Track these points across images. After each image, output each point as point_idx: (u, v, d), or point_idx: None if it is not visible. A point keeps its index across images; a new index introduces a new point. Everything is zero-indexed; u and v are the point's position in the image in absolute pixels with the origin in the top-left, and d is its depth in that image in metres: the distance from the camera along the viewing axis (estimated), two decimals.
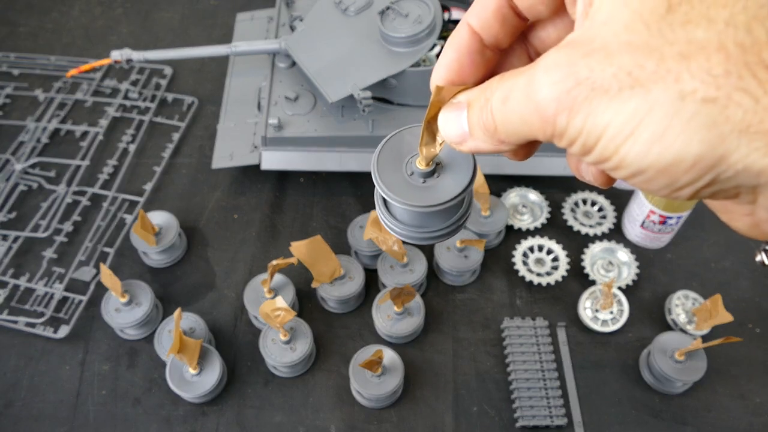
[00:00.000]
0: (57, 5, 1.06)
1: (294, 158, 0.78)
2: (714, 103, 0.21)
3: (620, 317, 0.71)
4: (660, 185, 0.23)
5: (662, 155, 0.22)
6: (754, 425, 0.66)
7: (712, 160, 0.22)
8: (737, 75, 0.21)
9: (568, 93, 0.23)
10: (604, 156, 0.23)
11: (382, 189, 0.31)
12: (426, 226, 0.33)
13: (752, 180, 0.22)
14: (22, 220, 0.80)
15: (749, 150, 0.21)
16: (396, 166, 0.32)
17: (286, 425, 0.66)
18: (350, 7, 0.77)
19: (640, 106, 0.22)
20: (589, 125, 0.23)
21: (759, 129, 0.21)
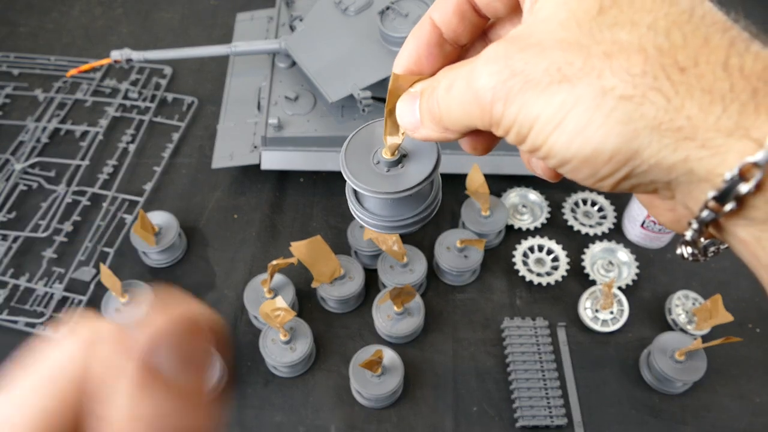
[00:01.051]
0: (57, 5, 1.06)
1: (294, 158, 0.78)
2: (630, 101, 0.22)
3: (620, 317, 0.71)
4: (585, 175, 0.25)
5: (584, 146, 0.23)
6: (754, 425, 0.66)
7: (627, 154, 0.23)
8: (653, 75, 0.22)
9: (504, 83, 0.24)
10: (535, 145, 0.25)
11: (348, 177, 0.33)
12: (394, 215, 0.34)
13: (664, 175, 0.23)
14: (22, 220, 0.80)
15: (660, 146, 0.22)
16: (363, 156, 0.33)
17: (286, 425, 0.66)
18: (350, 7, 0.77)
19: (566, 100, 0.23)
20: (522, 115, 0.24)
21: (669, 127, 0.22)
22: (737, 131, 0.22)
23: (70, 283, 0.74)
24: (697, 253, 0.26)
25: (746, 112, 0.22)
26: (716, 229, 0.24)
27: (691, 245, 0.26)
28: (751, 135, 0.22)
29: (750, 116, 0.22)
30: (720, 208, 0.23)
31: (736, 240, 0.24)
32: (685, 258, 0.27)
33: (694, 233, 0.25)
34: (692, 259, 0.27)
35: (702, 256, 0.27)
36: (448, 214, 0.81)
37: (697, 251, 0.26)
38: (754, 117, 0.22)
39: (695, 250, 0.26)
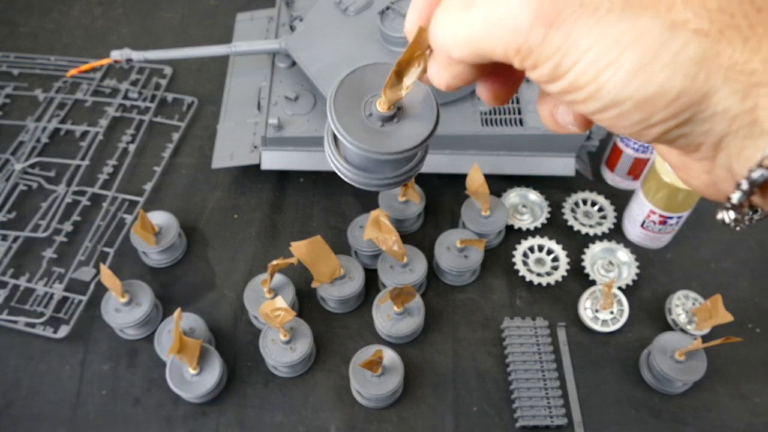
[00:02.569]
0: (57, 5, 1.06)
1: (294, 158, 0.78)
2: (706, 37, 0.20)
3: (620, 317, 0.71)
4: (632, 121, 0.22)
5: (644, 87, 0.21)
6: (754, 425, 0.66)
7: (695, 97, 0.21)
8: (730, 13, 0.21)
9: (553, 3, 0.21)
10: (577, 83, 0.22)
11: (335, 126, 0.29)
12: (374, 172, 0.31)
13: (725, 126, 0.21)
14: (22, 220, 0.80)
15: (731, 91, 0.21)
16: (354, 104, 0.29)
17: (286, 425, 0.66)
18: (350, 7, 0.77)
19: (627, 32, 0.20)
20: (568, 45, 0.21)
21: (743, 69, 0.20)
22: None
23: (70, 283, 0.74)
24: (739, 219, 0.24)
25: None
26: (763, 195, 0.22)
27: (735, 210, 0.23)
28: None
29: None
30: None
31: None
32: (726, 223, 0.24)
33: (743, 195, 0.22)
34: (734, 224, 0.24)
35: (741, 223, 0.24)
36: (448, 214, 0.81)
37: (740, 216, 0.24)
38: None
39: (738, 215, 0.23)
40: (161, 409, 0.67)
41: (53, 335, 0.70)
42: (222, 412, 0.67)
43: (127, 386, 0.68)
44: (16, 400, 0.67)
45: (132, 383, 0.68)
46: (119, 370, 0.69)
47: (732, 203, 0.23)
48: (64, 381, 0.69)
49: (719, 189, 0.24)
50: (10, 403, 0.67)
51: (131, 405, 0.67)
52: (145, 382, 0.68)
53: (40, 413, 0.66)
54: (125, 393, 0.68)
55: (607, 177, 0.84)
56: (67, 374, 0.69)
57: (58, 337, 0.70)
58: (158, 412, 0.67)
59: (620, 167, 0.80)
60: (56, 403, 0.67)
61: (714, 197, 0.25)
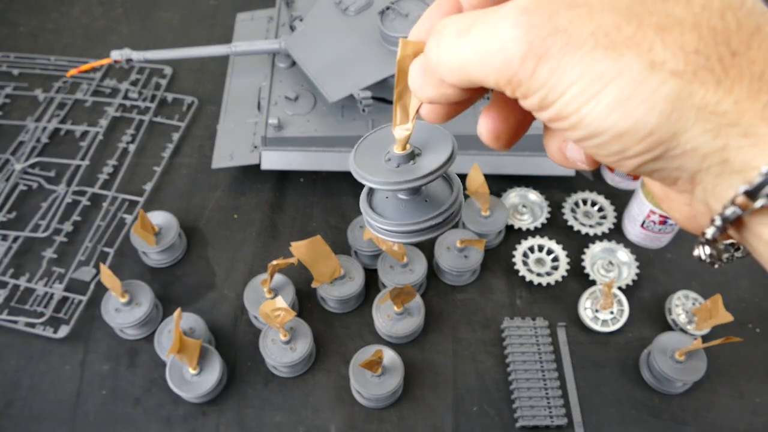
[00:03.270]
0: (57, 5, 1.06)
1: (294, 158, 0.78)
2: (680, 78, 0.21)
3: (620, 317, 0.71)
4: (611, 151, 0.23)
5: (621, 121, 0.22)
6: (754, 425, 0.66)
7: (667, 134, 0.22)
8: (706, 55, 0.21)
9: (543, 40, 0.22)
10: (562, 114, 0.23)
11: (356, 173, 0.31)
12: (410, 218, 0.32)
13: (696, 163, 0.22)
14: (22, 220, 0.80)
15: (701, 131, 0.21)
16: (374, 156, 0.31)
17: (286, 425, 0.66)
18: (350, 7, 0.77)
19: (609, 69, 0.22)
20: (555, 79, 0.22)
21: (715, 110, 0.21)
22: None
23: (70, 283, 0.74)
24: (715, 255, 0.25)
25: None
26: (737, 230, 0.23)
27: (710, 245, 0.24)
28: None
29: None
30: (748, 205, 0.21)
31: (760, 241, 0.23)
32: (702, 260, 0.25)
33: (716, 231, 0.23)
34: (709, 261, 0.25)
35: (718, 260, 0.25)
36: None
37: (715, 252, 0.25)
38: None
39: (713, 251, 0.25)
40: (161, 409, 0.67)
41: (53, 335, 0.70)
42: (222, 412, 0.67)
43: (127, 386, 0.68)
44: (16, 400, 0.67)
45: (132, 383, 0.68)
46: (119, 370, 0.69)
47: (706, 238, 0.24)
48: (64, 381, 0.69)
49: (698, 223, 0.25)
50: (10, 403, 0.67)
51: (131, 405, 0.67)
52: (145, 382, 0.68)
53: (40, 413, 0.67)
54: (125, 393, 0.68)
55: (607, 177, 0.84)
56: (67, 374, 0.69)
57: (58, 337, 0.70)
58: (158, 412, 0.67)
59: None
60: (56, 403, 0.67)
61: (694, 231, 0.26)
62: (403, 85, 0.28)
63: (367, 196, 0.34)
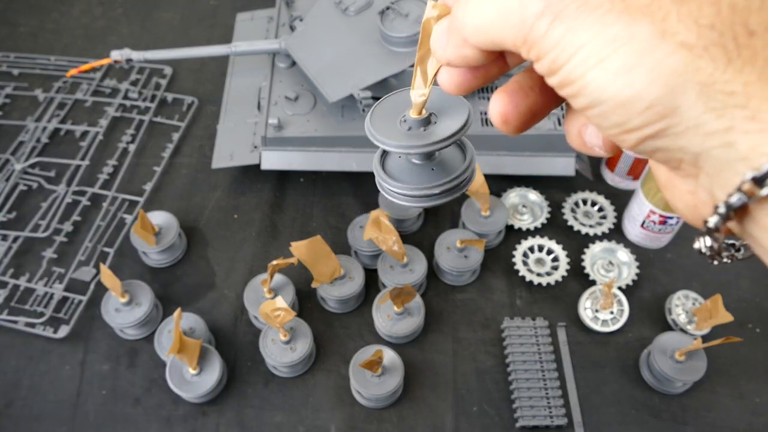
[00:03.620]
0: (57, 5, 1.06)
1: (294, 158, 0.78)
2: (690, 50, 0.21)
3: (620, 317, 0.71)
4: (612, 122, 0.23)
5: (623, 89, 0.22)
6: (754, 425, 0.66)
7: (668, 108, 0.21)
8: (720, 31, 0.21)
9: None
10: (568, 79, 0.23)
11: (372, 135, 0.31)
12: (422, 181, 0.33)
13: (699, 143, 0.22)
14: (22, 220, 0.80)
15: (705, 108, 0.21)
16: (390, 121, 0.32)
17: (286, 425, 0.66)
18: (350, 7, 0.77)
19: (620, 34, 0.21)
20: (566, 40, 0.22)
21: (722, 89, 0.21)
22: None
23: (70, 283, 0.74)
24: (716, 249, 0.24)
25: None
26: (741, 221, 0.22)
27: (712, 237, 0.23)
28: None
29: None
30: (755, 192, 0.20)
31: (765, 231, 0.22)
32: (702, 253, 0.24)
33: (719, 219, 0.22)
34: (709, 254, 0.24)
35: (718, 255, 0.24)
36: (448, 214, 0.81)
37: (716, 246, 0.24)
38: None
39: (715, 243, 0.24)
40: (161, 409, 0.67)
41: (53, 335, 0.70)
42: (222, 412, 0.67)
43: (127, 386, 0.68)
44: (16, 400, 0.67)
45: (132, 383, 0.68)
46: (119, 370, 0.69)
47: (708, 227, 0.23)
48: (64, 381, 0.69)
49: (700, 213, 0.24)
50: (10, 403, 0.67)
51: (131, 405, 0.67)
52: (145, 382, 0.68)
53: (40, 413, 0.67)
54: (125, 393, 0.68)
55: (607, 177, 0.84)
56: (67, 374, 0.69)
57: (58, 337, 0.70)
58: (158, 412, 0.67)
59: (620, 167, 0.80)
60: (56, 403, 0.67)
61: (695, 222, 0.25)
62: (425, 48, 0.29)
63: (381, 158, 0.34)
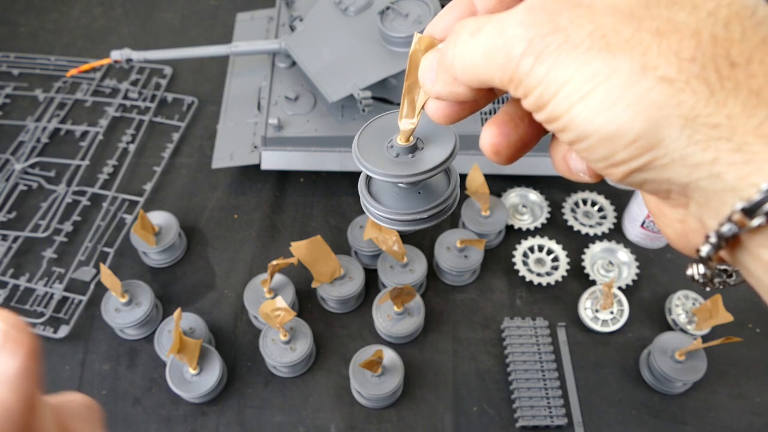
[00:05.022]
0: (57, 5, 1.06)
1: (294, 158, 0.78)
2: (671, 85, 0.21)
3: (620, 317, 0.71)
4: (599, 156, 0.23)
5: (607, 124, 0.22)
6: (754, 425, 0.66)
7: (652, 141, 0.21)
8: (701, 64, 0.21)
9: (542, 38, 0.22)
10: (554, 114, 0.23)
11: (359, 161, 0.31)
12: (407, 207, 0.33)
13: (686, 175, 0.22)
14: (22, 220, 0.80)
15: (689, 141, 0.21)
16: (377, 144, 0.32)
17: (286, 425, 0.66)
18: (350, 7, 0.77)
19: (601, 69, 0.21)
20: (550, 77, 0.22)
21: (706, 122, 0.21)
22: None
23: (70, 283, 0.74)
24: (708, 276, 0.24)
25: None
26: (732, 251, 0.23)
27: (705, 264, 0.24)
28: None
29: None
30: (746, 223, 0.21)
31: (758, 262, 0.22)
32: (695, 280, 0.25)
33: (711, 248, 0.22)
34: (702, 282, 0.25)
35: (710, 282, 0.25)
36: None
37: (709, 273, 0.24)
38: None
39: (707, 270, 0.24)
40: (161, 409, 0.67)
41: (53, 335, 0.70)
42: (222, 412, 0.67)
43: (127, 386, 0.68)
44: None
45: (132, 383, 0.68)
46: (119, 370, 0.69)
47: (701, 256, 0.23)
48: (64, 381, 0.68)
49: (690, 241, 0.24)
50: None
51: (131, 405, 0.67)
52: (145, 382, 0.68)
53: None
54: (125, 393, 0.68)
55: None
56: (67, 374, 0.69)
57: (58, 337, 0.70)
58: (158, 412, 0.67)
59: None
60: None
61: (685, 250, 0.25)
62: (413, 78, 0.29)
63: (366, 181, 0.34)
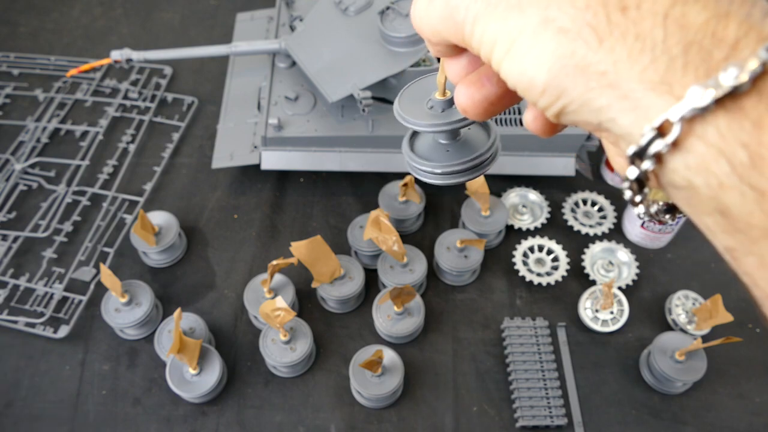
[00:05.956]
0: (57, 5, 1.06)
1: (294, 158, 0.78)
2: (565, 35, 0.22)
3: (620, 317, 0.71)
4: (530, 101, 0.25)
5: (522, 75, 0.23)
6: (754, 425, 0.66)
7: (558, 90, 0.23)
8: (593, 12, 0.22)
9: (474, 3, 0.25)
10: (496, 69, 0.25)
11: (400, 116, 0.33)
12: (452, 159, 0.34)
13: (594, 117, 0.23)
14: (22, 220, 0.80)
15: (585, 89, 0.22)
16: (417, 103, 0.33)
17: (286, 425, 0.66)
18: (350, 7, 0.77)
19: (515, 26, 0.23)
20: (486, 37, 0.24)
21: (596, 69, 0.22)
22: (661, 86, 0.21)
23: (70, 283, 0.74)
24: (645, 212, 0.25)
25: (674, 67, 0.21)
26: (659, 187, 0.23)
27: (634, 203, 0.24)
28: (674, 92, 0.20)
29: (677, 72, 0.20)
30: (639, 165, 0.22)
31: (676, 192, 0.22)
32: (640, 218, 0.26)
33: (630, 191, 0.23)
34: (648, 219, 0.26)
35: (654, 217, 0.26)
36: (448, 214, 0.81)
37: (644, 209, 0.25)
38: (680, 73, 0.20)
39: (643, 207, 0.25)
40: (161, 409, 0.67)
41: (53, 335, 0.70)
42: (222, 412, 0.67)
43: (127, 386, 0.68)
44: (16, 400, 0.67)
45: (132, 383, 0.68)
46: (119, 370, 0.69)
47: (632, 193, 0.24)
48: (64, 381, 0.69)
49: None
50: (10, 403, 0.67)
51: (131, 405, 0.67)
52: (145, 382, 0.68)
53: (40, 413, 0.66)
54: (125, 393, 0.68)
55: (607, 177, 0.84)
56: (67, 374, 0.69)
57: (58, 337, 0.70)
58: (158, 412, 0.67)
59: None
60: (56, 403, 0.67)
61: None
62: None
63: (410, 140, 0.36)
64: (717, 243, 0.22)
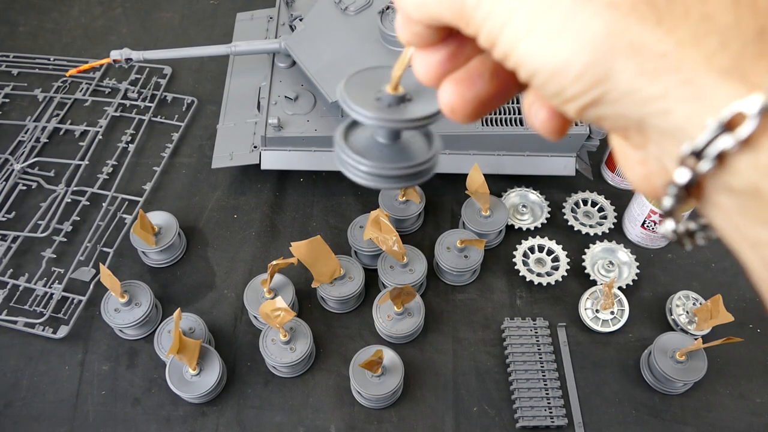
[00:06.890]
0: (57, 5, 1.06)
1: (294, 158, 0.78)
2: (616, 10, 0.19)
3: (621, 317, 0.71)
4: (551, 92, 0.21)
5: (552, 57, 0.20)
6: (754, 425, 0.66)
7: (600, 74, 0.20)
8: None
9: None
10: (505, 51, 0.21)
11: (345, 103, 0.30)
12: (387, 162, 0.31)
13: (637, 109, 0.20)
14: (21, 220, 0.80)
15: (638, 72, 0.19)
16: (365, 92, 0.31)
17: (286, 425, 0.66)
18: (350, 6, 0.77)
19: (543, 1, 0.20)
20: (497, 12, 0.21)
21: (654, 51, 0.19)
22: (733, 72, 0.18)
23: (69, 283, 0.74)
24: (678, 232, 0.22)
25: (746, 54, 0.18)
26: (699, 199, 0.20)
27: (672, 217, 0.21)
28: (750, 79, 0.18)
29: (749, 59, 0.18)
30: (696, 167, 0.19)
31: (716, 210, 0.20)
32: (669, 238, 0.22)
33: (673, 200, 0.20)
34: (676, 240, 0.22)
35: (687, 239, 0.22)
36: (448, 214, 0.81)
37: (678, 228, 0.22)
38: (754, 60, 0.18)
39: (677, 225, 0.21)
40: (161, 409, 0.67)
41: (53, 335, 0.70)
42: (222, 412, 0.67)
43: (126, 386, 0.68)
44: (16, 400, 0.67)
45: (132, 383, 0.68)
46: (119, 370, 0.69)
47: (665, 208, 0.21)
48: (64, 381, 0.68)
49: (652, 184, 0.22)
50: (9, 403, 0.67)
51: (131, 405, 0.67)
52: (145, 382, 0.68)
53: (40, 413, 0.66)
54: (125, 393, 0.68)
55: (608, 177, 0.84)
56: (66, 374, 0.69)
57: (58, 338, 0.70)
58: (158, 412, 0.66)
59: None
60: (56, 403, 0.67)
61: (648, 194, 0.23)
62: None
63: (345, 129, 0.33)
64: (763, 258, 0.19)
